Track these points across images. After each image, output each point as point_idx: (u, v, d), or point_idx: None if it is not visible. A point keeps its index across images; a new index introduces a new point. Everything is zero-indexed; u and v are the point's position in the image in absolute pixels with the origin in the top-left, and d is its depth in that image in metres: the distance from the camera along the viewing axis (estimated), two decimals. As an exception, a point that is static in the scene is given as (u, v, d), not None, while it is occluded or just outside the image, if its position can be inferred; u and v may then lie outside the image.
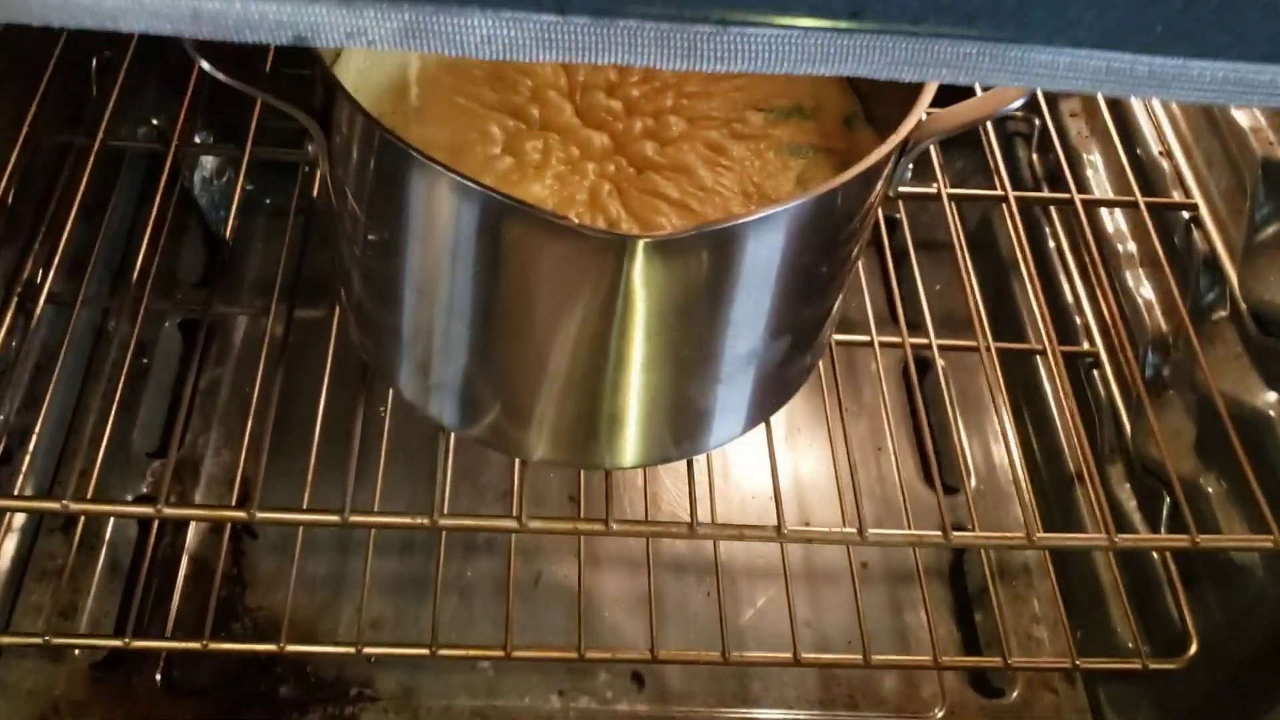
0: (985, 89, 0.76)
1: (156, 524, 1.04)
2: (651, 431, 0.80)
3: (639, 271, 0.65)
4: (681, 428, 0.81)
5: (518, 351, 0.74)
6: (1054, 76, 0.49)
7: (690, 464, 0.86)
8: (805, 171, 0.77)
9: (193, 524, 1.08)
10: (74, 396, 1.13)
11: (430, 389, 0.80)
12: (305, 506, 0.86)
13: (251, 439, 0.98)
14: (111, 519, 1.05)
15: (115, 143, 1.08)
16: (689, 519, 0.85)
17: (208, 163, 1.29)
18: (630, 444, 0.80)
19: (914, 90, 0.72)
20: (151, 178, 1.20)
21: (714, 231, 0.64)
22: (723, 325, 0.72)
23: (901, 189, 0.75)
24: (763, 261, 0.68)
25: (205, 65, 0.67)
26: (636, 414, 0.77)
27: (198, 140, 1.26)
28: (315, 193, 1.02)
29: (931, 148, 1.02)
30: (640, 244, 0.62)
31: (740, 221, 0.64)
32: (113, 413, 0.97)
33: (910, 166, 0.75)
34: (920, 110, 0.69)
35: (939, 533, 0.83)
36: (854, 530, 0.83)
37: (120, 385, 1.01)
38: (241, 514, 0.82)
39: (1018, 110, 0.74)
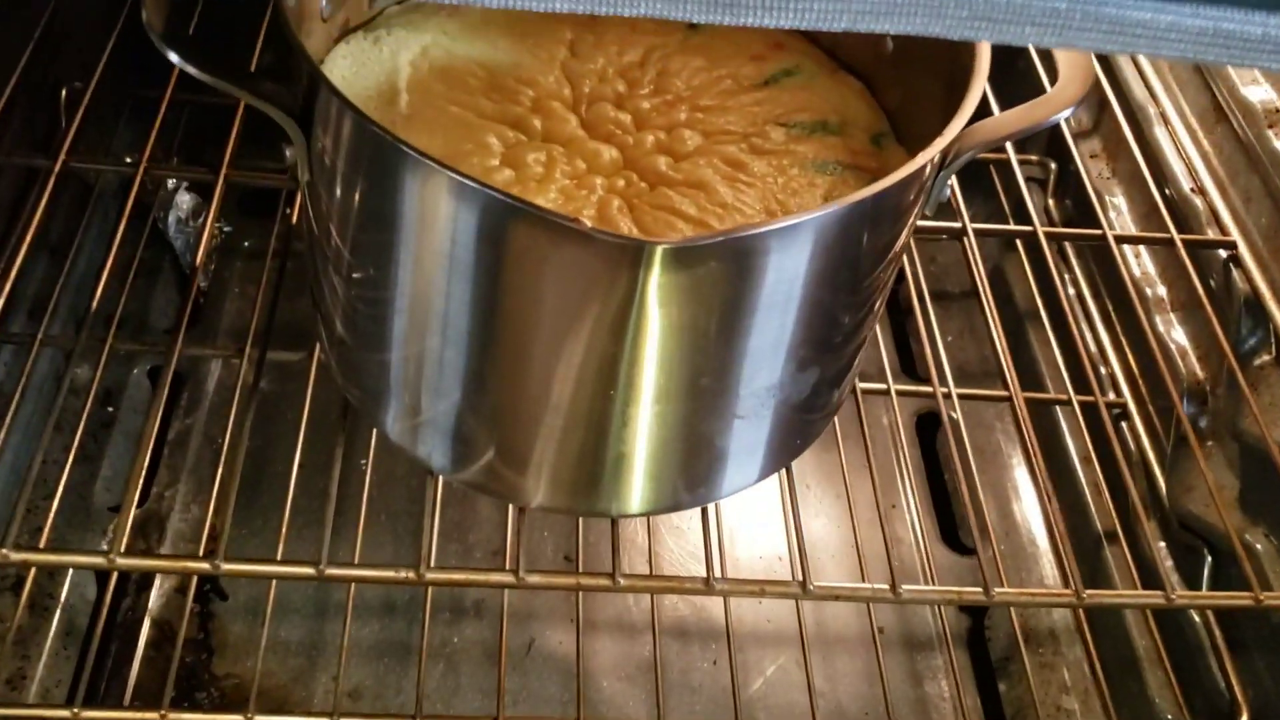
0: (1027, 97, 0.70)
1: (114, 581, 0.95)
2: (662, 474, 0.73)
3: (656, 284, 0.58)
4: (694, 470, 0.74)
5: (517, 380, 0.66)
6: (1153, 38, 0.43)
7: (705, 514, 0.79)
8: (833, 189, 0.71)
9: (156, 584, 1.00)
10: (31, 445, 1.04)
11: (419, 427, 0.73)
12: (279, 559, 0.78)
13: (221, 490, 0.91)
14: (68, 577, 0.97)
15: (79, 164, 1.01)
16: (701, 575, 0.77)
17: (184, 203, 1.22)
18: (638, 488, 0.73)
19: (948, 107, 0.66)
20: (124, 217, 1.13)
21: (741, 239, 0.58)
22: (744, 351, 0.65)
23: (922, 223, 0.69)
24: (791, 277, 0.61)
25: (175, 58, 0.60)
26: (646, 453, 0.70)
27: (172, 180, 1.20)
28: (295, 217, 0.95)
29: (953, 186, 0.97)
30: (659, 250, 0.56)
31: (771, 228, 0.58)
32: (69, 463, 0.90)
33: (948, 185, 0.69)
34: (966, 114, 0.63)
35: (978, 589, 0.76)
36: (885, 586, 0.76)
37: (81, 433, 0.93)
38: (205, 565, 0.74)
39: (1061, 118, 0.68)
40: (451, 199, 0.58)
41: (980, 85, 0.65)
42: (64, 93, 1.09)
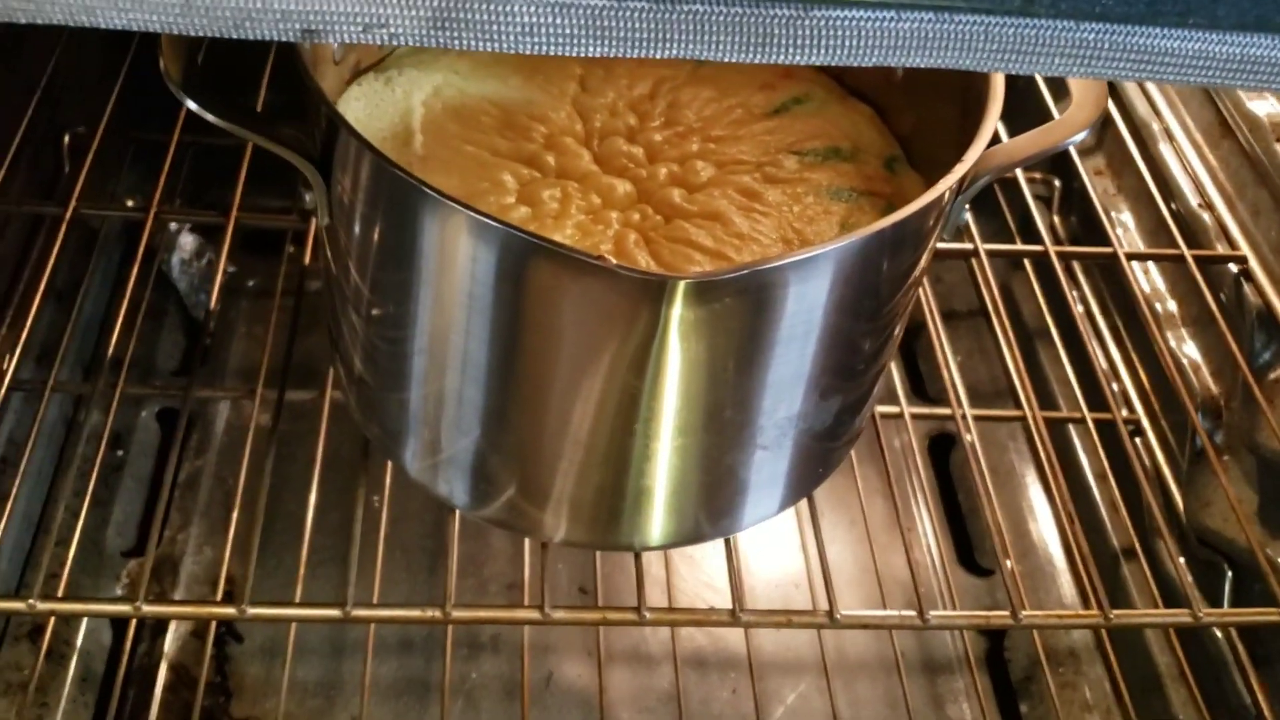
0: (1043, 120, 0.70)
1: (133, 628, 0.95)
2: (684, 507, 0.72)
3: (678, 318, 0.58)
4: (717, 502, 0.73)
5: (539, 416, 0.66)
6: (1180, 66, 0.43)
7: (727, 544, 0.78)
8: (849, 216, 0.71)
9: (172, 628, 0.99)
10: (43, 492, 1.04)
11: (440, 465, 0.72)
12: (299, 600, 0.78)
13: (237, 533, 0.90)
14: (84, 624, 0.96)
15: (88, 210, 1.01)
16: (725, 607, 0.77)
17: (187, 244, 1.22)
18: (659, 521, 0.73)
19: (962, 131, 0.66)
20: (127, 260, 1.13)
21: (764, 271, 0.57)
22: (767, 382, 0.65)
23: (939, 246, 0.69)
24: (812, 307, 0.61)
25: (194, 107, 0.60)
26: (668, 486, 0.70)
27: (176, 220, 1.20)
28: (309, 256, 0.95)
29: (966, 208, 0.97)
30: (681, 286, 0.56)
31: (793, 259, 0.58)
32: (84, 509, 0.89)
33: (966, 209, 0.68)
34: (984, 140, 0.63)
35: (1005, 613, 0.76)
36: (913, 613, 0.75)
37: (93, 479, 0.93)
38: (231, 610, 0.73)
39: (1075, 142, 0.68)
40: (472, 237, 0.58)
41: (996, 110, 0.65)
42: (67, 139, 1.09)
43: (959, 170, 0.61)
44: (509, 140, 0.73)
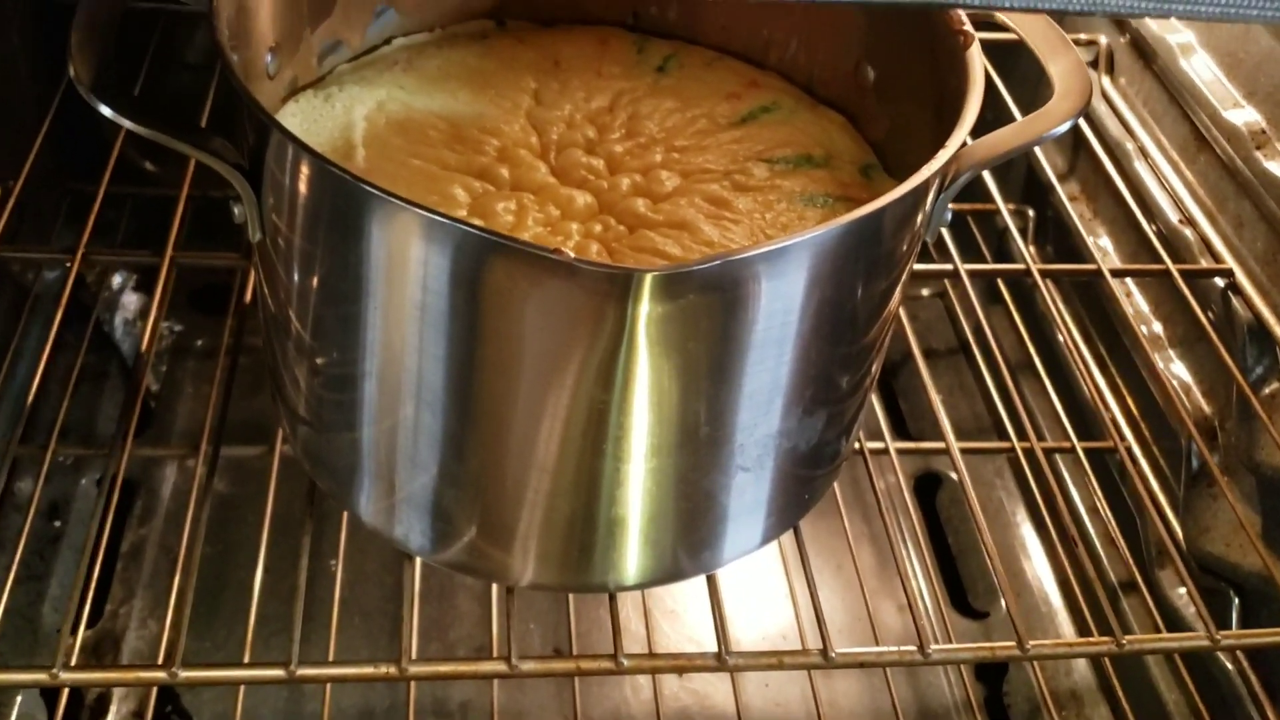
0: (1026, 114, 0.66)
1: (65, 705, 0.87)
2: (660, 538, 0.67)
3: (645, 318, 0.53)
4: (696, 533, 0.68)
5: (499, 441, 0.61)
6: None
7: (710, 582, 0.72)
8: (825, 221, 0.66)
9: (113, 709, 0.92)
10: (-28, 566, 0.97)
11: (395, 507, 0.67)
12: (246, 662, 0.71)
13: (179, 599, 0.84)
14: (17, 703, 0.89)
15: (8, 253, 0.95)
16: (710, 650, 0.71)
17: (129, 303, 1.17)
18: (635, 556, 0.67)
19: (939, 134, 0.62)
20: (64, 320, 1.07)
21: (736, 262, 0.53)
22: (743, 393, 0.59)
23: (918, 266, 0.65)
24: (788, 306, 0.56)
25: (107, 111, 0.56)
26: (642, 515, 0.64)
27: (118, 278, 1.14)
28: (249, 295, 0.89)
29: (944, 232, 0.93)
30: (649, 278, 0.51)
31: (768, 248, 0.53)
32: (9, 581, 0.82)
33: (949, 211, 0.64)
34: (965, 128, 0.59)
35: (1011, 643, 0.70)
36: (913, 647, 0.70)
37: (21, 549, 0.86)
38: (162, 674, 0.66)
39: (1059, 133, 0.64)
40: (421, 239, 0.53)
41: (976, 101, 0.62)
42: (-3, 191, 1.04)
43: (942, 156, 0.57)
44: (458, 154, 0.69)
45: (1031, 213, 1.18)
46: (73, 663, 0.68)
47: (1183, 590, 0.96)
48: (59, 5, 1.05)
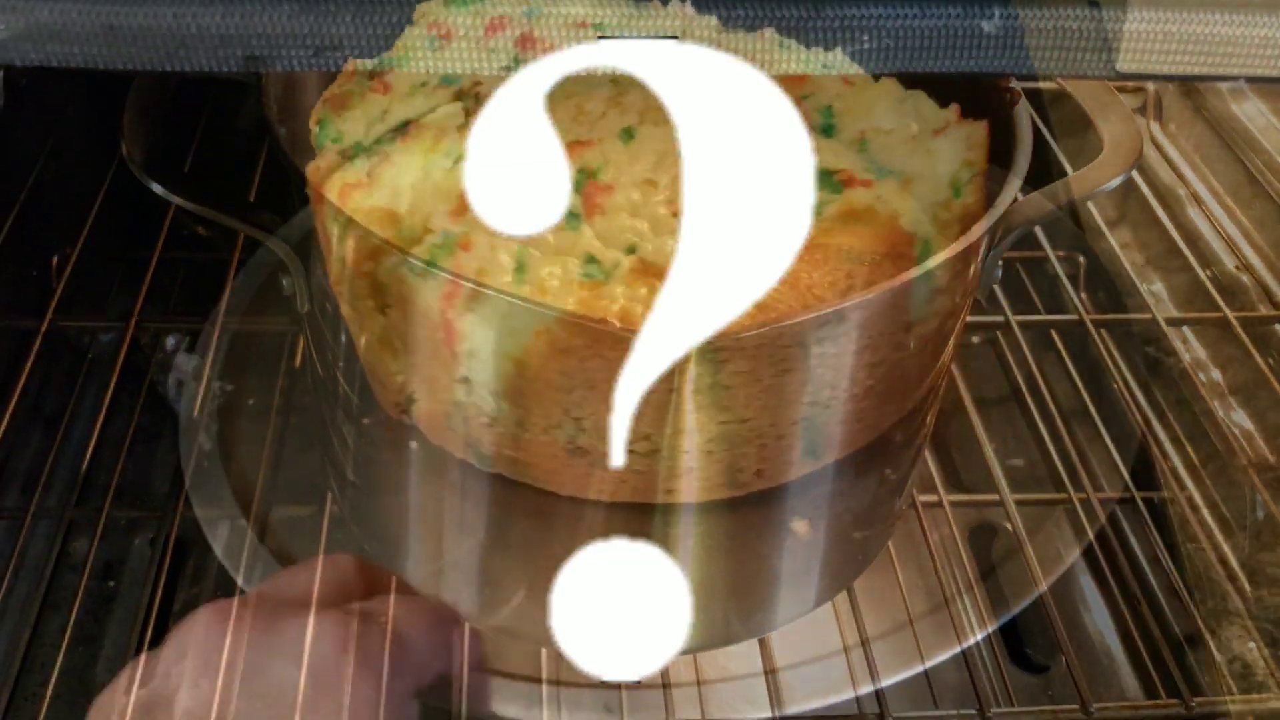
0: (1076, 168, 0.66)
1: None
2: (711, 602, 0.66)
3: (693, 381, 0.52)
4: (748, 596, 0.67)
5: (545, 504, 0.60)
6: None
7: (763, 645, 0.71)
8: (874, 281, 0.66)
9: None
10: (26, 629, 0.98)
11: (444, 570, 0.66)
12: None
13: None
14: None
15: (65, 323, 0.97)
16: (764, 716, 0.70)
17: (184, 365, 1.17)
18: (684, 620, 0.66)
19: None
20: (120, 382, 1.08)
21: (788, 326, 0.52)
22: (794, 452, 0.59)
23: (969, 318, 0.64)
24: (840, 362, 0.56)
25: (158, 189, 0.56)
26: (691, 577, 0.63)
27: (171, 340, 1.15)
28: (298, 361, 0.90)
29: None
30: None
31: (818, 314, 0.52)
32: (64, 642, 0.83)
33: (999, 266, 0.64)
34: (1014, 189, 0.59)
35: (1075, 706, 0.68)
36: (973, 711, 0.68)
37: (76, 610, 0.87)
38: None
39: (1112, 186, 0.63)
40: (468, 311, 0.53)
41: (1025, 159, 0.61)
42: (54, 260, 1.05)
43: (993, 214, 0.56)
44: (505, 218, 0.69)
45: (1082, 260, 1.17)
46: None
47: (1252, 645, 0.94)
48: (114, 79, 1.07)
